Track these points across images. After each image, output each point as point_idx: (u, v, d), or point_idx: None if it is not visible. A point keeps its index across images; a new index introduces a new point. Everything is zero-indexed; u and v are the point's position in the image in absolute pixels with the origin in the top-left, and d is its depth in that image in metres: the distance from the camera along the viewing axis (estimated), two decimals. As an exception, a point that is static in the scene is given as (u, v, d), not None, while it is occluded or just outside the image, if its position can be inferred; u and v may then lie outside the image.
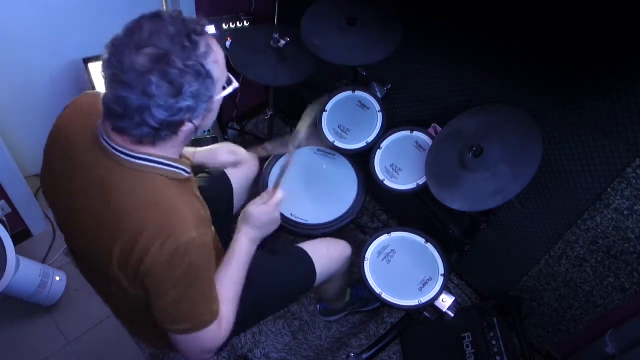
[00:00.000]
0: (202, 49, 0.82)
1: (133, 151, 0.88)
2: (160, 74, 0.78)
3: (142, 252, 0.86)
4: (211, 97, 0.87)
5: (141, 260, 0.86)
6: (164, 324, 0.95)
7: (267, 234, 1.17)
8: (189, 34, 0.81)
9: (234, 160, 1.43)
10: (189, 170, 0.96)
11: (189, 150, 1.33)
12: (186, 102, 0.82)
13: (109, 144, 0.88)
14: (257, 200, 1.18)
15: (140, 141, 0.87)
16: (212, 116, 0.95)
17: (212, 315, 0.97)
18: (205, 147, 1.40)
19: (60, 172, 0.97)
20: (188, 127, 0.87)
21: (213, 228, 1.05)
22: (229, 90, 0.95)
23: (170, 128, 0.85)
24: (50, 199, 1.05)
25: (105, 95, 0.82)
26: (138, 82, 0.78)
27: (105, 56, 0.81)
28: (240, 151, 1.44)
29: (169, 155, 0.92)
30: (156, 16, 0.82)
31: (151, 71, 0.77)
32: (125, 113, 0.80)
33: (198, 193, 1.00)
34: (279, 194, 1.18)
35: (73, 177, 0.94)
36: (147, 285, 0.90)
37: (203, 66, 0.82)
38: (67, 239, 1.09)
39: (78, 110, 1.00)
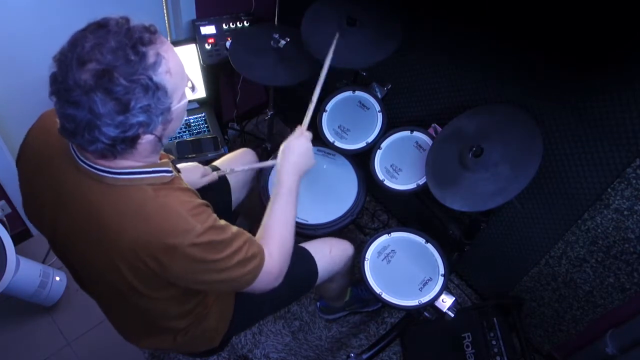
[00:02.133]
0: (151, 59, 0.77)
1: (111, 167, 0.85)
2: (104, 91, 0.73)
3: (159, 264, 0.86)
4: (168, 109, 0.83)
5: (162, 270, 0.87)
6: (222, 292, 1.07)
7: (306, 164, 1.23)
8: (135, 45, 0.76)
9: (206, 183, 1.40)
10: (170, 170, 0.93)
11: None
12: (137, 118, 0.78)
13: (86, 163, 0.85)
14: (290, 136, 1.25)
15: (102, 155, 0.83)
16: (175, 124, 0.90)
17: (258, 262, 0.99)
18: (182, 166, 1.35)
19: (44, 199, 0.95)
20: (147, 138, 0.84)
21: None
22: (190, 97, 0.91)
23: (125, 142, 0.81)
24: (37, 226, 1.03)
25: (57, 112, 0.79)
26: (83, 100, 0.74)
27: (52, 69, 0.77)
28: (209, 171, 1.43)
29: (148, 162, 0.90)
30: (100, 26, 0.77)
31: (94, 89, 0.73)
32: (75, 130, 0.77)
33: (185, 185, 0.98)
34: (307, 132, 1.27)
35: (58, 203, 0.92)
36: (179, 282, 0.92)
37: (151, 79, 0.77)
38: (65, 263, 1.08)
39: (48, 128, 0.95)
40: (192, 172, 1.37)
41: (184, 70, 0.87)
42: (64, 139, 0.88)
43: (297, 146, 1.22)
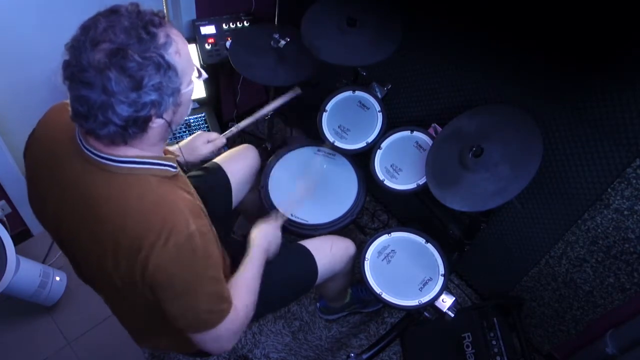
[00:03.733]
0: (161, 39, 0.80)
1: (116, 155, 0.86)
2: (118, 68, 0.76)
3: (146, 255, 0.86)
4: (177, 90, 0.85)
5: (146, 264, 0.86)
6: (180, 326, 0.95)
7: (274, 246, 1.28)
8: (146, 26, 0.79)
9: (213, 149, 1.45)
10: (175, 166, 0.95)
11: (173, 149, 1.33)
12: (149, 96, 0.80)
13: (91, 152, 0.86)
14: (263, 223, 1.30)
15: (112, 141, 0.85)
16: (184, 110, 0.93)
17: (226, 309, 0.98)
18: (184, 142, 1.44)
19: (47, 192, 0.96)
20: (157, 122, 0.85)
21: (211, 223, 1.06)
22: (198, 81, 0.94)
23: (137, 124, 0.82)
24: (41, 218, 1.04)
25: (70, 96, 0.81)
26: (97, 79, 0.76)
27: (65, 57, 0.79)
28: (214, 136, 1.48)
29: (153, 154, 0.92)
30: (112, 12, 0.80)
31: (109, 67, 0.75)
32: (89, 113, 0.79)
33: (189, 186, 0.99)
34: (281, 219, 1.35)
35: (62, 197, 0.92)
36: (157, 287, 0.90)
37: (163, 57, 0.80)
38: (69, 259, 1.08)
39: (56, 120, 0.97)
40: (196, 146, 1.43)
41: (191, 57, 0.89)
42: (71, 131, 0.90)
43: (269, 235, 1.27)
